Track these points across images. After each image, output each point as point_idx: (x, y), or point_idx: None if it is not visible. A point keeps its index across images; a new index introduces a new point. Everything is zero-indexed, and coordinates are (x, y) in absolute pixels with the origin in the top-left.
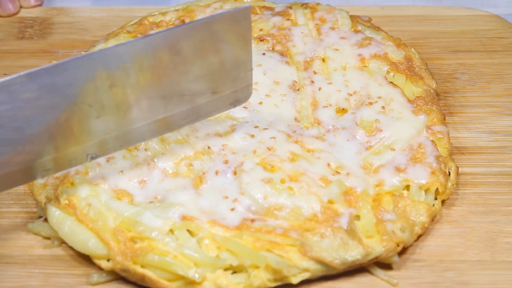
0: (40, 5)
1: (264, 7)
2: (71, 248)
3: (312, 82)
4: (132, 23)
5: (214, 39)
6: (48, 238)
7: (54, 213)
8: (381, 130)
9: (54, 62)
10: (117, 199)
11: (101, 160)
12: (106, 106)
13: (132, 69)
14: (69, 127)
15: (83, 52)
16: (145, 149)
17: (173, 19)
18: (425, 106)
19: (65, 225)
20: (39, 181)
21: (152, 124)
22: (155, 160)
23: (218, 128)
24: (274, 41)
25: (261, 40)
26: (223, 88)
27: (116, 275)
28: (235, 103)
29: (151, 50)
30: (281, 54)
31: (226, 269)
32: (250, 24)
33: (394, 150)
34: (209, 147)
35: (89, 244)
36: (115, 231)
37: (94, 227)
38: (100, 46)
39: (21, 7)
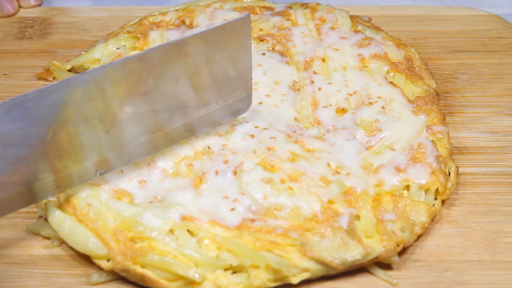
0: (39, 5)
1: (264, 7)
2: (71, 248)
3: (312, 82)
4: (132, 23)
5: (214, 50)
6: (48, 238)
7: (54, 213)
8: (381, 130)
9: (65, 78)
10: (117, 199)
11: None
12: (115, 120)
13: (138, 82)
14: (80, 143)
15: (83, 52)
16: None
17: (173, 19)
18: (425, 106)
19: (65, 225)
20: None
21: (155, 139)
22: (155, 160)
23: (218, 128)
24: (274, 41)
25: (261, 40)
26: (224, 99)
27: (116, 275)
28: (235, 113)
29: (154, 63)
30: (281, 54)
31: (226, 269)
32: (250, 33)
33: (394, 150)
34: (209, 147)
35: (89, 244)
36: (115, 231)
37: (94, 227)
38: (100, 46)
39: (20, 7)
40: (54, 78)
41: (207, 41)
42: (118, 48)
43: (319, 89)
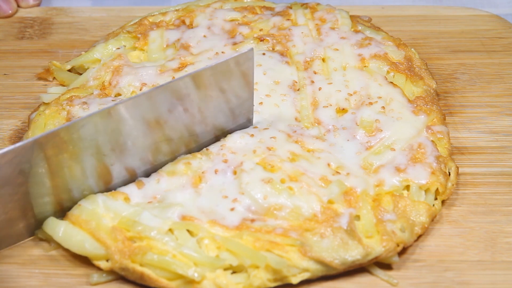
0: (38, 5)
1: (264, 7)
2: None
3: (312, 82)
4: (132, 23)
5: (219, 82)
6: (46, 241)
7: (48, 220)
8: (381, 130)
9: (72, 120)
10: (114, 200)
11: None
12: (119, 153)
13: (146, 116)
14: (88, 175)
15: (83, 52)
16: None
17: (173, 19)
18: (425, 106)
19: (59, 230)
20: None
21: (160, 165)
22: None
23: None
24: (274, 41)
25: (261, 40)
26: (227, 125)
27: (116, 275)
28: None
29: (162, 99)
30: (281, 54)
31: (226, 269)
32: (252, 65)
33: (394, 150)
34: (207, 149)
35: (86, 245)
36: (112, 229)
37: (87, 227)
38: (100, 46)
39: (19, 7)
40: (54, 78)
41: (212, 75)
42: (118, 48)
43: (319, 89)
